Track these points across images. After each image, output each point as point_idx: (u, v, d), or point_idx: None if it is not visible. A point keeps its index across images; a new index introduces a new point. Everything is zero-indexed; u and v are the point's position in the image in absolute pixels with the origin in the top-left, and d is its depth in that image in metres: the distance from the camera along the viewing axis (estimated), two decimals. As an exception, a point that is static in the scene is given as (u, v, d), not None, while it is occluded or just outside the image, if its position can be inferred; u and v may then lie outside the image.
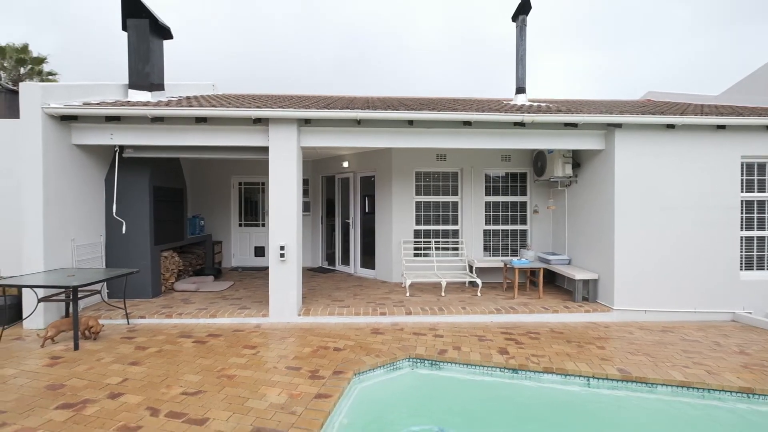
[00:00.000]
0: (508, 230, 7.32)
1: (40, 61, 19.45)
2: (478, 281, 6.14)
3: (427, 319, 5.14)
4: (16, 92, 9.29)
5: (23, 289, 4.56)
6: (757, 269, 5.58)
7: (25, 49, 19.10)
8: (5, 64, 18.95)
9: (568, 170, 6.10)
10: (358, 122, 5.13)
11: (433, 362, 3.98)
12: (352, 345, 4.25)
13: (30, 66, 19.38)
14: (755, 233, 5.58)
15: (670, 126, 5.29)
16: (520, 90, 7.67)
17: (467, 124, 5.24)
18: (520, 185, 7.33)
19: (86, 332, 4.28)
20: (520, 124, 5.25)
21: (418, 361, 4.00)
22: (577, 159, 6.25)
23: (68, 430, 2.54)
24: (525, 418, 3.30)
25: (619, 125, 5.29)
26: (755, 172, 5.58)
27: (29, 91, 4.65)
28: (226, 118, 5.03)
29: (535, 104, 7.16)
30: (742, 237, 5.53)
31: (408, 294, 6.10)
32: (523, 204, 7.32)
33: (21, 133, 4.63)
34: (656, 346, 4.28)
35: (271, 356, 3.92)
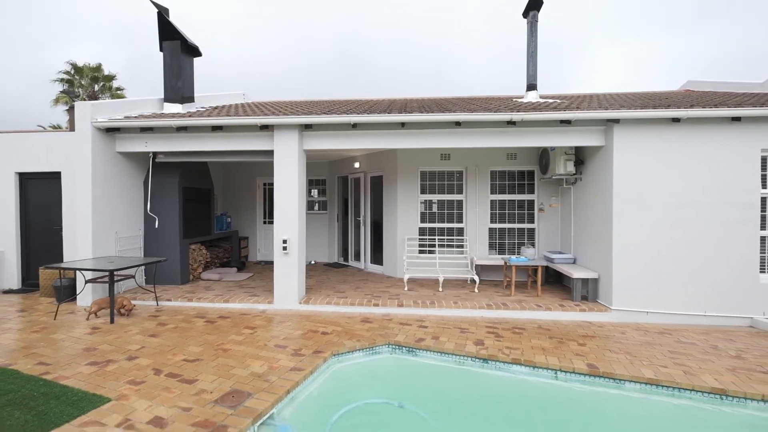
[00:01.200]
0: (514, 228, 7.30)
1: (110, 78, 22.19)
2: (476, 278, 6.24)
3: (417, 311, 5.39)
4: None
5: (77, 272, 5.50)
6: (781, 272, 5.14)
7: (98, 68, 21.89)
8: (82, 82, 21.86)
9: (570, 167, 6.00)
10: (354, 126, 5.52)
11: (410, 349, 4.25)
12: (340, 331, 4.64)
13: (102, 83, 22.18)
14: (780, 233, 5.14)
15: (676, 120, 5.06)
16: (531, 87, 7.62)
17: (458, 124, 5.41)
18: (527, 183, 7.28)
19: (121, 310, 5.09)
20: (512, 123, 5.31)
21: (397, 347, 4.29)
22: (580, 156, 6.13)
23: (90, 380, 3.20)
24: (486, 403, 3.48)
25: (616, 121, 5.17)
26: (779, 167, 5.14)
27: (81, 109, 5.60)
28: (237, 126, 5.66)
29: (544, 101, 7.08)
30: (763, 237, 5.14)
31: (406, 288, 6.37)
32: (530, 202, 7.26)
33: (75, 143, 5.59)
34: (643, 347, 4.19)
35: (265, 336, 4.43)
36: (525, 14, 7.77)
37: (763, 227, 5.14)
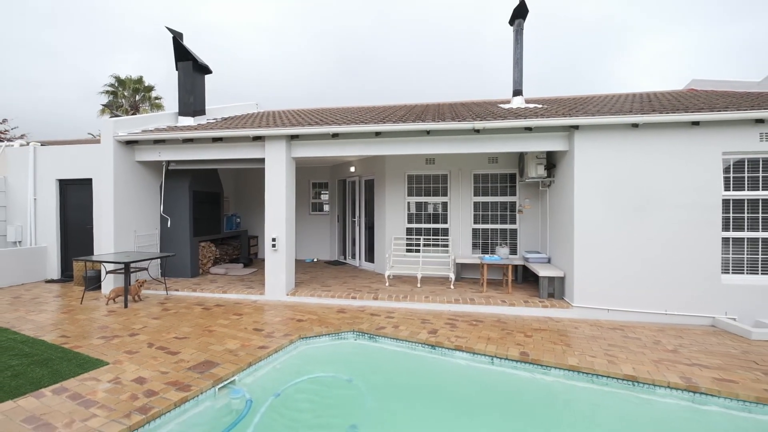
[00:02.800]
0: (497, 229, 7.61)
1: (150, 89, 24.17)
2: (452, 275, 6.65)
3: (390, 304, 5.89)
4: (119, 116, 12.09)
5: (101, 264, 6.45)
6: (748, 273, 5.20)
7: (139, 80, 23.93)
8: (125, 93, 23.97)
9: (541, 171, 6.28)
10: (334, 135, 6.11)
11: (371, 336, 4.77)
12: (314, 319, 5.24)
13: (143, 93, 24.23)
14: (745, 234, 5.20)
15: (635, 125, 5.26)
16: (517, 92, 7.93)
17: (428, 132, 5.86)
18: (509, 186, 7.57)
19: (135, 297, 5.96)
20: (477, 131, 5.70)
21: (361, 334, 4.82)
22: (552, 160, 6.39)
23: (97, 349, 3.98)
24: (424, 381, 3.94)
25: (576, 127, 5.43)
26: (746, 169, 5.20)
27: (105, 125, 6.56)
28: (233, 137, 6.40)
29: (524, 107, 7.37)
30: (727, 238, 5.22)
31: (388, 284, 6.88)
32: (512, 204, 7.54)
33: (101, 154, 6.55)
34: (586, 340, 4.47)
35: (248, 321, 5.10)
36: (511, 22, 8.06)
37: (726, 228, 5.22)
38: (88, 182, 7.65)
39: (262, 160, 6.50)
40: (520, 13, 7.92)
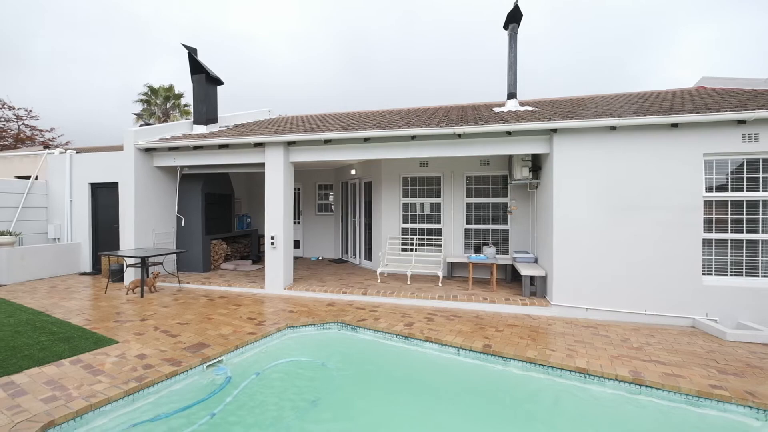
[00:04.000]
0: (489, 229, 7.80)
1: (179, 96, 25.68)
2: (440, 273, 6.93)
3: (377, 299, 6.26)
4: (150, 125, 13.13)
5: (123, 258, 7.21)
6: (732, 275, 5.18)
7: (170, 88, 25.50)
8: (157, 101, 25.63)
9: (526, 173, 6.45)
10: (326, 141, 6.56)
11: (353, 327, 5.16)
12: (304, 311, 5.69)
13: (173, 101, 25.84)
14: (729, 236, 5.18)
15: (613, 127, 5.36)
16: (511, 95, 8.09)
17: (413, 138, 6.19)
18: (500, 187, 7.75)
19: (151, 288, 6.66)
20: (459, 135, 5.97)
21: (344, 325, 5.23)
22: (537, 162, 6.54)
23: (111, 330, 4.61)
24: (393, 368, 4.30)
25: (554, 130, 5.59)
26: (729, 171, 5.19)
27: (127, 134, 7.32)
28: (237, 144, 6.99)
29: (516, 110, 7.53)
30: (709, 240, 5.22)
31: (379, 281, 7.25)
32: (504, 205, 7.71)
33: (123, 161, 7.33)
34: (553, 336, 4.67)
35: (244, 311, 5.63)
36: (505, 26, 8.23)
37: (709, 230, 5.23)
38: (115, 185, 8.51)
39: (264, 165, 7.05)
40: (514, 18, 8.07)
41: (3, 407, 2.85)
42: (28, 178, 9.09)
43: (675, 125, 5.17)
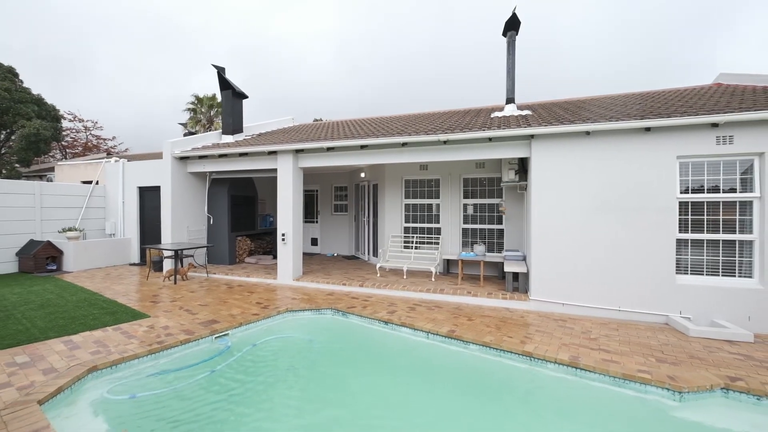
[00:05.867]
0: (485, 229, 8.20)
1: (221, 105, 27.87)
2: (433, 269, 7.46)
3: (371, 291, 6.94)
4: (193, 134, 14.76)
5: (162, 251, 8.47)
6: (708, 275, 5.28)
7: (213, 97, 27.70)
8: (202, 110, 28.02)
9: (512, 175, 6.82)
10: (329, 149, 7.34)
11: (344, 313, 5.88)
12: (306, 298, 6.51)
13: (216, 109, 28.11)
14: (704, 236, 5.28)
15: (588, 132, 5.64)
16: (510, 100, 8.43)
17: (405, 144, 6.80)
18: (496, 189, 8.11)
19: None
20: (444, 142, 6.49)
21: (337, 311, 5.96)
22: (525, 165, 6.87)
23: (146, 308, 5.69)
24: (371, 346, 4.97)
25: (532, 136, 5.95)
26: (705, 173, 5.29)
27: (166, 145, 8.58)
28: (253, 153, 7.98)
29: (511, 114, 7.88)
30: (684, 240, 5.35)
31: (378, 275, 7.92)
32: (499, 206, 8.07)
33: (162, 167, 8.60)
34: (518, 326, 5.09)
35: (255, 297, 6.55)
36: (504, 33, 8.57)
37: (685, 230, 5.36)
38: (158, 189, 9.87)
39: (276, 170, 7.98)
40: (512, 26, 8.38)
41: (63, 356, 3.89)
42: (90, 182, 10.77)
43: (648, 129, 5.36)
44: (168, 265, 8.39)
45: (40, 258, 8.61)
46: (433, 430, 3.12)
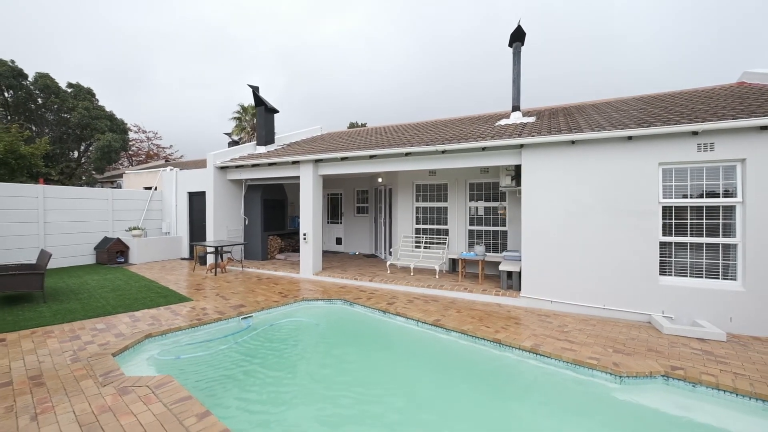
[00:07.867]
0: (490, 230, 8.69)
1: (259, 114, 30.05)
2: (437, 267, 8.11)
3: (379, 285, 7.75)
4: (237, 142, 16.49)
5: (205, 248, 9.89)
6: (692, 276, 5.48)
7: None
8: (246, 118, 30.39)
9: (508, 181, 7.29)
10: (342, 159, 8.25)
11: (350, 303, 6.75)
12: (320, 290, 7.47)
13: (257, 117, 30.37)
14: (687, 239, 5.48)
15: (573, 141, 6.03)
16: (515, 108, 8.88)
17: (408, 154, 7.53)
18: (500, 193, 8.56)
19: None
20: (442, 152, 7.13)
21: (345, 302, 6.85)
22: (520, 171, 7.31)
23: (190, 293, 6.96)
24: (368, 332, 5.78)
25: (521, 145, 6.42)
26: (689, 178, 5.49)
27: (209, 156, 9.99)
28: (280, 162, 9.10)
29: (515, 122, 8.32)
30: (667, 242, 5.58)
31: (389, 272, 8.70)
32: (503, 209, 8.52)
33: (206, 176, 10.02)
34: (500, 318, 5.64)
35: (278, 288, 7.62)
36: (510, 44, 8.99)
37: (669, 233, 5.59)
38: (203, 194, 11.42)
39: (299, 178, 9.05)
40: (517, 37, 8.80)
41: (128, 325, 5.12)
42: (150, 188, 12.61)
43: (630, 138, 5.66)
44: (210, 259, 9.78)
45: (112, 252, 10.39)
46: (403, 390, 3.86)
